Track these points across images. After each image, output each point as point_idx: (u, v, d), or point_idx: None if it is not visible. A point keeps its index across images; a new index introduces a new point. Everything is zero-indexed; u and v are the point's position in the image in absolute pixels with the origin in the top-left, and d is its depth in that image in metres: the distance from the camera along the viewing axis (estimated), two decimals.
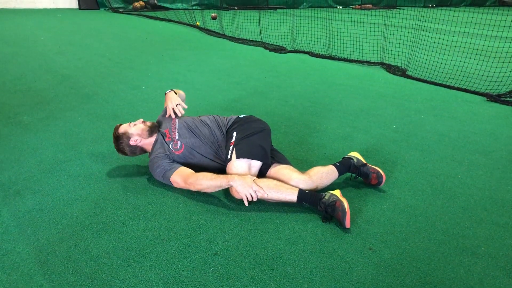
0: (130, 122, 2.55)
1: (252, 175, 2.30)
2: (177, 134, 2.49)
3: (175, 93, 2.70)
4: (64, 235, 1.96)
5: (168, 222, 2.09)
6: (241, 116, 2.62)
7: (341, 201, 2.07)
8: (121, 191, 2.38)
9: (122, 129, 2.50)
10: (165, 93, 2.72)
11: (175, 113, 2.62)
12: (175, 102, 2.62)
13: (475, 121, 3.71)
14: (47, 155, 2.79)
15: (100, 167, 2.64)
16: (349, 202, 2.22)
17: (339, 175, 2.45)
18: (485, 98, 4.41)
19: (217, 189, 2.26)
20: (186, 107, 2.68)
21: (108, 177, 2.53)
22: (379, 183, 2.43)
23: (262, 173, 2.40)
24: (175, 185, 2.34)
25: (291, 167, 2.40)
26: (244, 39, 7.93)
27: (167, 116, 2.63)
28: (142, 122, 2.54)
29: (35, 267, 1.75)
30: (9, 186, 2.39)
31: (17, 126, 3.27)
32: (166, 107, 2.65)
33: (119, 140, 2.49)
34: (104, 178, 2.52)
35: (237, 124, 2.54)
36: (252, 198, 2.18)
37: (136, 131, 2.49)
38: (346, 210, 2.04)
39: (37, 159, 2.72)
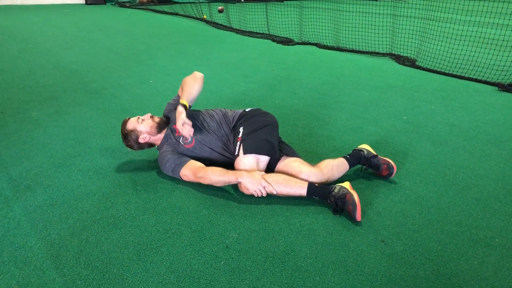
0: (139, 117, 2.52)
1: (261, 170, 2.28)
2: None
3: (186, 108, 2.40)
4: (75, 230, 1.97)
5: (178, 216, 2.09)
6: (247, 110, 2.59)
7: (351, 194, 2.05)
8: (131, 185, 2.38)
9: (131, 125, 2.48)
10: (178, 104, 2.43)
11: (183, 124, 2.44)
12: (181, 121, 2.33)
13: (487, 111, 3.65)
14: (57, 150, 2.80)
15: (110, 162, 2.65)
16: (359, 194, 2.20)
17: (350, 167, 2.43)
18: (496, 88, 4.35)
19: (225, 184, 2.27)
20: (192, 129, 2.36)
21: (118, 171, 2.54)
22: (390, 174, 2.41)
23: (270, 167, 2.38)
24: (184, 178, 2.34)
25: (301, 160, 2.38)
26: (251, 31, 7.88)
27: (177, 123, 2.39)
28: (150, 117, 2.51)
29: (47, 262, 1.76)
30: (20, 181, 2.40)
31: (27, 121, 3.28)
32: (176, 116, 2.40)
33: (128, 137, 2.50)
34: (114, 172, 2.52)
35: (244, 118, 2.51)
36: (262, 194, 2.17)
37: (145, 129, 2.47)
38: (357, 203, 2.02)
39: (47, 154, 2.73)
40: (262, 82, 4.51)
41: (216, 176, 2.22)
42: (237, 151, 2.34)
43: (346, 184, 2.15)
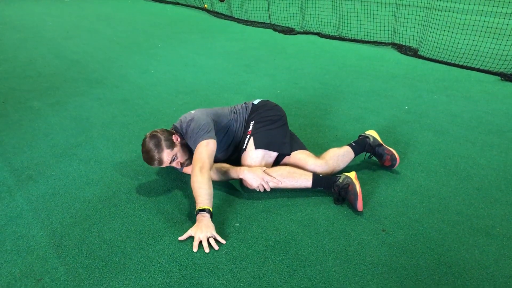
0: (175, 157, 2.17)
1: (267, 165, 2.27)
2: None
3: (211, 214, 1.92)
4: (78, 219, 1.98)
5: (180, 205, 2.10)
6: (255, 103, 2.48)
7: (354, 184, 2.05)
8: (133, 174, 2.38)
9: (163, 163, 2.14)
10: (198, 210, 1.90)
11: None
12: (206, 234, 1.83)
13: (489, 101, 3.64)
14: (58, 139, 2.80)
15: (111, 151, 2.65)
16: (361, 184, 2.20)
17: (355, 155, 2.43)
18: (499, 78, 4.32)
19: (227, 180, 2.28)
20: (223, 242, 1.85)
21: (119, 161, 2.54)
22: (392, 165, 2.41)
23: (277, 159, 2.35)
24: (187, 173, 2.34)
25: (307, 152, 2.36)
26: (252, 21, 7.82)
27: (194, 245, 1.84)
28: (182, 163, 2.22)
29: (50, 250, 1.77)
30: (22, 170, 2.41)
31: (28, 111, 3.28)
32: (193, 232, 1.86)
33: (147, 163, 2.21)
34: (115, 162, 2.53)
35: (255, 113, 2.40)
36: (265, 189, 2.18)
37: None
38: (358, 193, 2.02)
39: (49, 144, 2.73)
40: (263, 72, 4.49)
41: (218, 173, 2.23)
42: (245, 144, 2.29)
43: (352, 174, 2.15)
